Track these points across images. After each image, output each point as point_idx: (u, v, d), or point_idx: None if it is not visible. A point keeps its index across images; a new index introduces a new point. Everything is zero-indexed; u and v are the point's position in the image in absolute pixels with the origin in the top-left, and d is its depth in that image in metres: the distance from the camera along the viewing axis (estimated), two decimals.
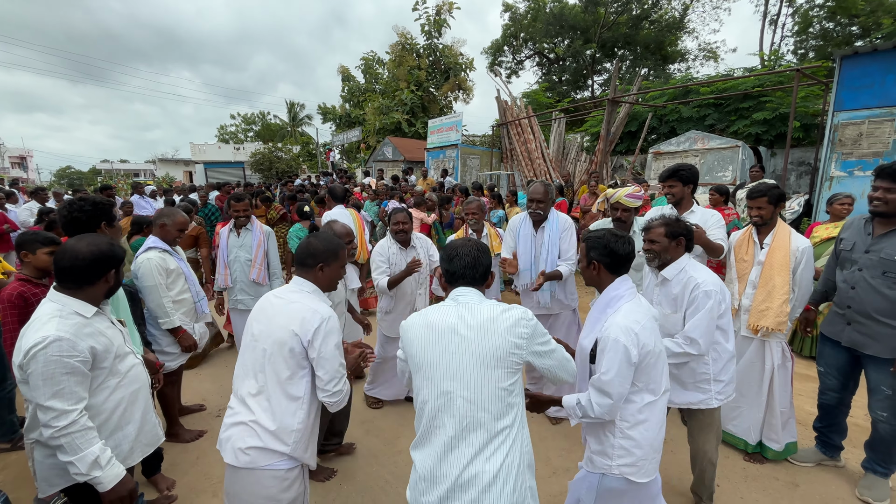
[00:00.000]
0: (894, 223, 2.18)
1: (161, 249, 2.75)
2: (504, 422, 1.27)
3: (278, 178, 20.10)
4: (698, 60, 25.16)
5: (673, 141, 8.92)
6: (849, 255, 2.35)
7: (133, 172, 41.06)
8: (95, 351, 1.56)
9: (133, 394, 1.75)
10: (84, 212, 2.16)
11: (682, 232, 1.97)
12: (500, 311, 1.34)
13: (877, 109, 6.03)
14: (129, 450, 1.74)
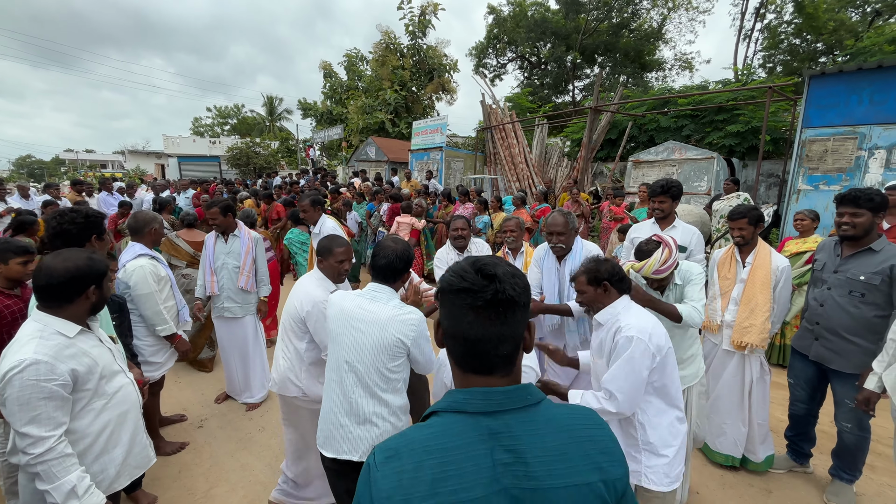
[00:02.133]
0: (861, 245, 2.32)
1: (151, 256, 2.69)
2: (386, 387, 1.74)
3: (256, 174, 19.65)
4: (675, 70, 26.00)
5: (652, 150, 9.18)
6: (819, 274, 2.51)
7: (100, 163, 39.28)
8: (77, 373, 1.50)
9: (121, 415, 1.69)
10: (75, 224, 2.05)
11: (605, 276, 1.77)
12: (397, 312, 1.71)
13: (841, 127, 6.37)
14: (115, 474, 1.68)
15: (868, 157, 6.17)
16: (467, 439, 0.69)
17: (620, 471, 0.74)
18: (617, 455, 0.75)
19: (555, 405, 0.78)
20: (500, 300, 0.73)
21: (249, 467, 2.78)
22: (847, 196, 2.29)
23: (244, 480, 2.67)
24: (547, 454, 0.69)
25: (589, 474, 0.70)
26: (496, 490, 0.66)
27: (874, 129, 6.08)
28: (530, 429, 0.71)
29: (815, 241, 3.82)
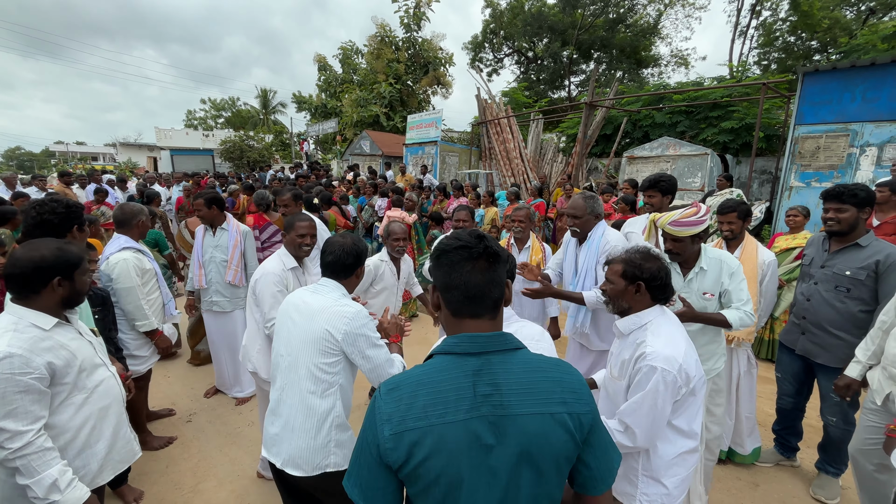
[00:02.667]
0: (848, 241, 2.33)
1: (136, 249, 2.64)
2: (314, 389, 1.57)
3: (250, 168, 19.46)
4: (670, 66, 26.02)
5: (647, 146, 9.19)
6: (807, 269, 2.53)
7: (91, 156, 38.76)
8: (54, 367, 1.47)
9: (103, 409, 1.67)
10: (56, 214, 2.01)
11: (644, 275, 1.50)
12: (332, 303, 1.59)
13: (833, 125, 6.41)
14: (98, 469, 1.66)
15: (860, 155, 6.21)
16: (455, 374, 0.85)
17: (586, 408, 0.88)
18: (583, 395, 0.89)
19: (532, 353, 0.93)
20: (489, 253, 0.92)
21: (238, 462, 2.77)
22: (831, 192, 2.32)
23: (232, 475, 2.65)
24: (520, 388, 0.85)
25: (555, 406, 0.85)
26: (476, 416, 0.82)
27: (866, 127, 6.11)
28: (507, 368, 0.87)
29: (805, 237, 3.84)
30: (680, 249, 2.05)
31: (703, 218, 1.99)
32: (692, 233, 1.98)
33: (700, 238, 2.04)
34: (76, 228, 2.10)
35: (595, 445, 0.91)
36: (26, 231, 2.01)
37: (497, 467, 0.82)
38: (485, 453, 0.82)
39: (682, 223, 1.98)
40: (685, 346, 1.47)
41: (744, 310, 1.99)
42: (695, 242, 2.03)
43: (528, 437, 0.83)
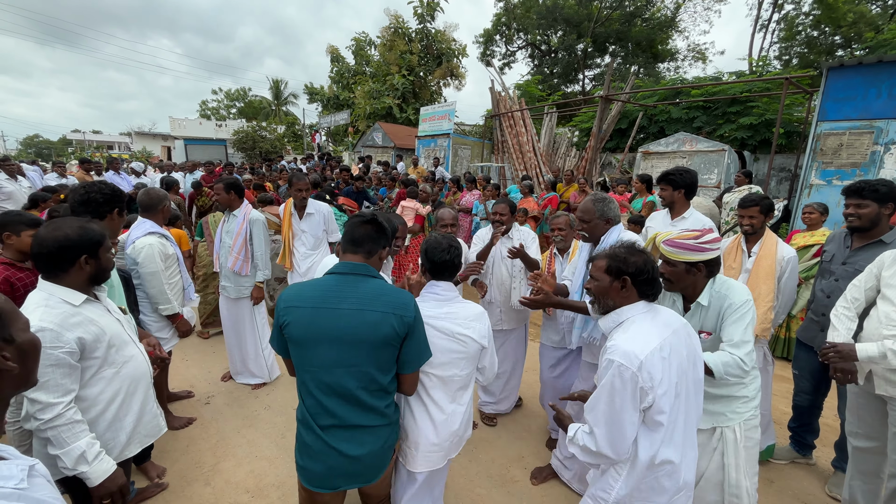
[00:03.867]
0: (870, 237, 2.30)
1: (160, 234, 2.69)
2: None
3: (262, 158, 19.61)
4: (687, 61, 25.52)
5: (662, 141, 9.06)
6: (828, 265, 2.49)
7: (107, 145, 39.37)
8: (84, 341, 1.52)
9: (132, 384, 1.72)
10: (103, 194, 2.12)
11: (630, 269, 1.43)
12: None
13: (857, 121, 6.25)
14: (126, 441, 1.72)
15: (884, 153, 6.06)
16: (328, 281, 1.47)
17: (408, 313, 1.44)
18: (409, 307, 1.45)
19: (384, 283, 1.49)
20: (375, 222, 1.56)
21: (256, 443, 2.83)
22: (852, 187, 2.29)
23: (250, 456, 2.72)
24: (365, 295, 1.43)
25: (388, 308, 1.42)
26: (331, 306, 1.41)
27: (891, 124, 5.96)
28: (360, 283, 1.45)
29: (824, 234, 3.78)
30: (671, 275, 1.77)
31: (703, 245, 1.68)
32: (686, 258, 1.70)
33: (699, 270, 1.73)
34: (116, 212, 2.19)
35: (410, 341, 1.46)
36: (71, 209, 2.10)
37: (346, 336, 1.39)
38: (335, 329, 1.38)
39: (675, 244, 1.72)
40: (657, 345, 1.32)
41: (732, 353, 1.65)
42: (690, 273, 1.74)
43: (373, 323, 1.39)
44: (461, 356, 1.70)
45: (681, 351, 1.41)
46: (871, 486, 2.17)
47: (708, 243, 1.71)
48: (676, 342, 1.41)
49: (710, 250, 1.71)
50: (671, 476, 1.40)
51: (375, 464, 1.52)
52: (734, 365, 1.66)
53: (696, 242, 1.71)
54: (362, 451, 1.46)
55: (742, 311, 1.71)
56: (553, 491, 2.51)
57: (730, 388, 1.79)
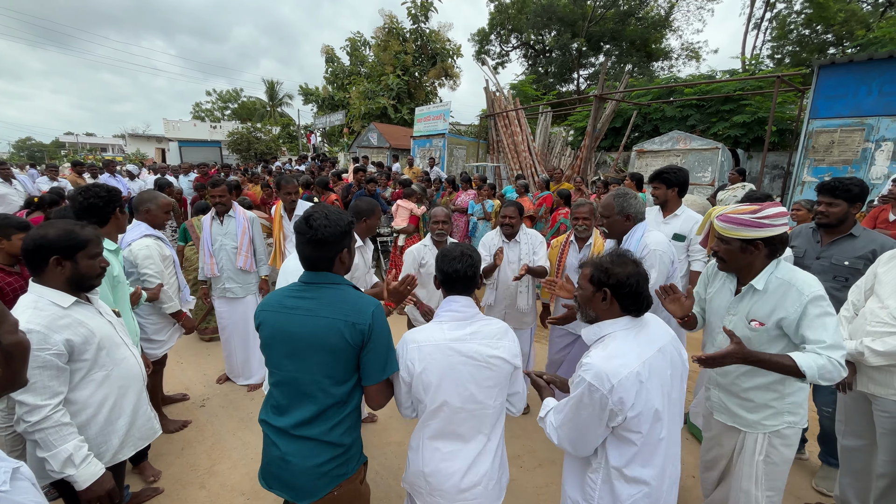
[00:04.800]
0: (839, 232, 2.37)
1: (155, 236, 2.70)
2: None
3: (257, 160, 19.55)
4: (681, 60, 25.66)
5: (656, 140, 9.11)
6: (801, 261, 2.53)
7: (100, 147, 39.08)
8: (72, 343, 1.51)
9: (123, 387, 1.71)
10: (101, 198, 2.14)
11: (611, 281, 1.36)
12: None
13: (849, 119, 6.31)
14: (119, 444, 1.71)
15: (875, 149, 6.12)
16: (291, 290, 1.47)
17: (362, 320, 1.37)
18: (364, 313, 1.38)
19: (349, 290, 1.45)
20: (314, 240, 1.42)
21: (251, 446, 2.82)
22: (826, 185, 2.35)
23: (246, 458, 2.71)
24: (321, 301, 1.40)
25: (339, 315, 1.37)
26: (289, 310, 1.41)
27: (882, 121, 6.02)
28: (320, 290, 1.43)
29: None
30: (725, 254, 1.67)
31: (761, 220, 1.55)
32: (741, 234, 1.59)
33: (756, 248, 1.60)
34: (118, 210, 2.22)
35: (369, 351, 1.40)
36: (76, 215, 2.12)
37: (300, 338, 1.37)
38: (287, 336, 1.39)
39: (729, 218, 1.60)
40: (634, 370, 1.26)
41: (830, 356, 1.46)
42: (746, 251, 1.62)
43: (322, 330, 1.36)
44: (492, 384, 1.46)
45: (664, 371, 1.33)
46: (862, 483, 2.18)
47: (769, 217, 1.55)
48: (660, 362, 1.33)
49: (770, 226, 1.55)
50: (648, 498, 1.33)
51: (308, 484, 1.38)
52: (832, 369, 1.46)
53: (754, 217, 1.56)
54: (296, 461, 1.37)
55: (824, 307, 1.51)
56: (549, 490, 2.52)
57: (759, 395, 1.68)
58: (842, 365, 1.46)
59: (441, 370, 1.42)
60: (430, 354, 1.42)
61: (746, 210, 1.58)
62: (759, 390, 1.68)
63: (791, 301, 1.55)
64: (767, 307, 1.62)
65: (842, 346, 1.48)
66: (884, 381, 1.90)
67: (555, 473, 2.65)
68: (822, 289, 1.55)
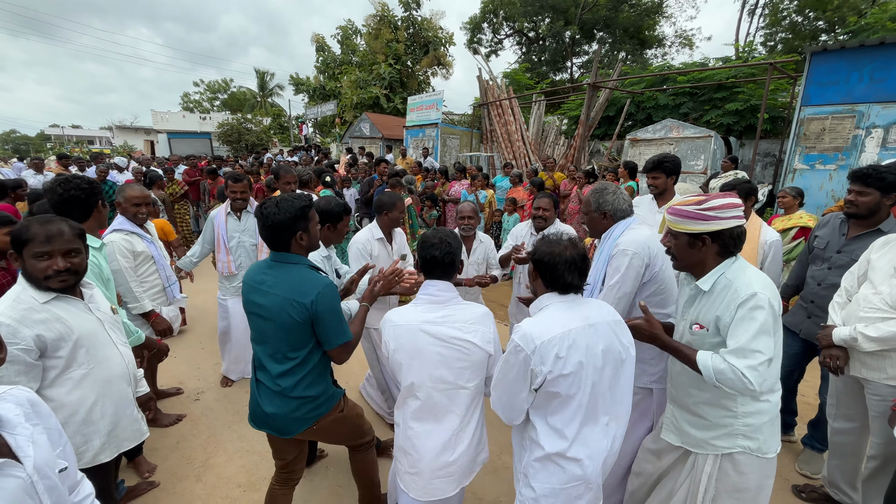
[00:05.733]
0: (868, 225, 2.22)
1: (127, 231, 2.61)
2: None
3: (248, 151, 19.30)
4: (674, 47, 25.54)
5: (649, 128, 9.10)
6: (821, 252, 2.42)
7: (87, 139, 38.34)
8: (44, 339, 1.45)
9: (104, 386, 1.64)
10: (82, 190, 2.01)
11: (538, 266, 1.46)
12: None
13: (840, 106, 6.33)
14: (100, 446, 1.65)
15: (865, 136, 6.16)
16: (260, 265, 1.70)
17: (306, 299, 1.55)
18: (307, 293, 1.56)
19: (304, 269, 1.64)
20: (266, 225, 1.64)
21: (247, 438, 2.82)
22: (858, 172, 2.18)
23: (242, 451, 2.71)
24: (277, 280, 1.61)
25: (288, 294, 1.57)
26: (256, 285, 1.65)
27: (873, 108, 6.05)
28: (278, 269, 1.64)
29: (800, 217, 3.84)
30: (674, 249, 1.56)
31: (704, 212, 1.43)
32: (687, 228, 1.47)
33: (703, 243, 1.48)
34: (100, 203, 2.12)
35: (319, 325, 1.59)
36: (54, 210, 1.99)
37: (266, 310, 1.60)
38: (256, 306, 1.63)
39: (676, 211, 1.51)
40: (557, 334, 1.33)
41: (730, 363, 1.37)
42: (694, 247, 1.49)
43: (276, 306, 1.57)
44: (463, 366, 1.54)
45: (594, 346, 1.38)
46: (850, 465, 2.22)
47: (713, 209, 1.43)
48: (590, 336, 1.37)
49: (715, 219, 1.43)
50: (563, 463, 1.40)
51: (285, 425, 1.68)
52: (732, 377, 1.37)
53: (699, 209, 1.45)
54: (272, 410, 1.66)
55: (749, 307, 1.37)
56: None
57: (709, 411, 1.53)
58: (745, 376, 1.34)
59: (411, 350, 1.52)
60: (402, 335, 1.54)
61: (692, 201, 1.48)
62: (708, 406, 1.54)
63: (727, 302, 1.44)
64: (713, 310, 1.48)
65: (752, 355, 1.35)
66: (876, 365, 1.92)
67: None
68: (764, 290, 1.38)
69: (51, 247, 1.48)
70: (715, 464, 1.54)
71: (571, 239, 1.46)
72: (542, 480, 1.43)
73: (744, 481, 1.51)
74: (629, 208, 1.95)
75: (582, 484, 1.42)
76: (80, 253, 1.56)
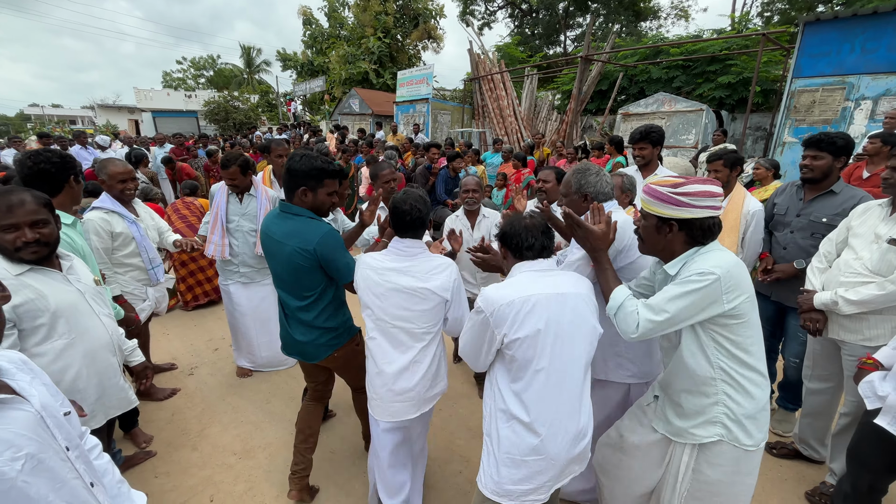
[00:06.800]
0: (822, 188, 2.37)
1: (107, 210, 2.53)
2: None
3: (236, 130, 18.93)
4: (670, 19, 25.03)
5: (641, 102, 9.03)
6: (782, 218, 2.55)
7: (69, 119, 37.20)
8: (17, 310, 1.46)
9: (88, 355, 1.65)
10: (52, 164, 1.93)
11: (504, 239, 1.54)
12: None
13: (830, 77, 6.31)
14: (89, 413, 1.68)
15: (854, 108, 6.17)
16: (273, 215, 1.91)
17: (309, 245, 1.76)
18: (310, 240, 1.76)
19: (308, 221, 1.82)
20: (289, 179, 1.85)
21: (241, 409, 2.89)
22: (812, 139, 2.34)
23: (236, 421, 2.78)
24: (285, 231, 1.81)
25: (293, 243, 1.77)
26: (270, 234, 1.86)
27: (863, 79, 6.04)
28: (285, 220, 1.83)
29: (775, 188, 3.89)
30: (642, 231, 1.48)
31: (677, 196, 1.33)
32: (657, 211, 1.38)
33: (669, 228, 1.38)
34: (73, 179, 2.04)
35: (327, 265, 1.81)
36: (23, 182, 1.92)
37: (278, 258, 1.84)
38: (272, 251, 1.86)
39: (650, 190, 1.40)
40: (518, 298, 1.37)
41: (639, 310, 1.40)
42: (661, 232, 1.40)
43: (284, 255, 1.80)
44: (423, 308, 1.70)
45: (559, 315, 1.39)
46: (821, 423, 2.35)
47: (688, 195, 1.32)
48: (554, 305, 1.38)
49: (688, 205, 1.33)
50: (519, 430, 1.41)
51: (312, 351, 1.95)
52: (627, 318, 1.41)
53: (672, 191, 1.34)
54: (301, 338, 1.92)
55: (688, 279, 1.33)
56: None
57: (688, 399, 1.47)
58: (639, 322, 1.38)
59: (375, 290, 1.70)
60: (369, 276, 1.71)
61: (668, 182, 1.37)
62: (687, 394, 1.47)
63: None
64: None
65: (658, 312, 1.35)
66: (853, 327, 2.00)
67: None
68: (715, 268, 1.30)
69: (14, 218, 1.46)
70: (693, 453, 1.48)
71: (532, 213, 1.53)
72: (504, 449, 1.43)
73: (714, 474, 1.44)
74: (611, 191, 1.89)
75: (543, 459, 1.41)
76: (49, 223, 1.54)
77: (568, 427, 1.43)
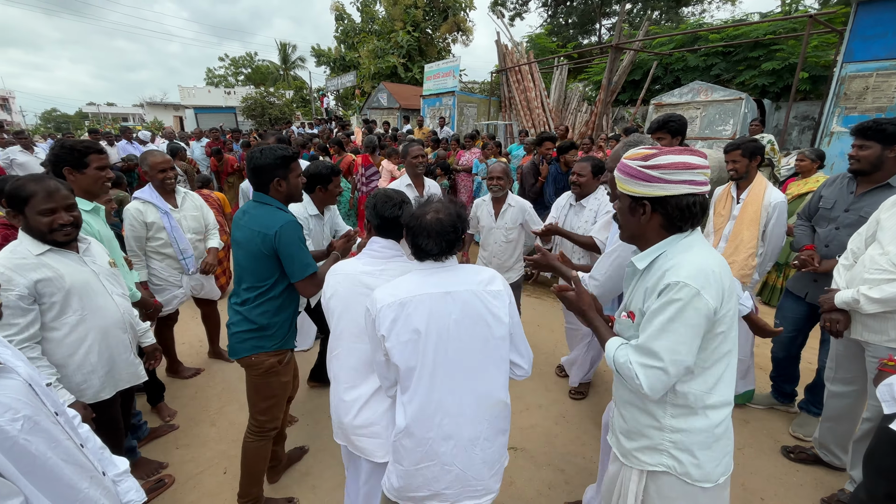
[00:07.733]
0: (875, 181, 2.15)
1: (143, 200, 2.71)
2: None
3: (271, 125, 19.55)
4: (714, 3, 23.66)
5: (675, 92, 8.64)
6: (827, 213, 2.33)
7: (121, 116, 39.65)
8: (36, 287, 1.59)
9: (100, 332, 1.77)
10: (48, 159, 2.15)
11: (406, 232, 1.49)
12: None
13: (886, 61, 5.82)
14: (100, 385, 1.80)
15: None
16: (244, 206, 1.92)
17: (270, 231, 1.74)
18: (269, 227, 1.75)
19: (276, 210, 1.83)
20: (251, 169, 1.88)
21: None
22: (858, 127, 2.13)
23: None
24: (251, 217, 1.82)
25: (256, 227, 1.77)
26: (238, 222, 1.86)
27: None
28: (255, 207, 1.85)
29: (817, 181, 3.65)
30: (618, 213, 1.29)
31: (647, 170, 1.12)
32: (628, 189, 1.18)
33: (642, 209, 1.17)
34: (67, 171, 2.12)
35: (283, 258, 1.78)
36: (52, 169, 2.12)
37: (241, 242, 1.82)
38: (237, 238, 1.85)
39: (622, 166, 1.19)
40: (398, 300, 1.28)
41: (629, 356, 1.16)
42: (635, 214, 1.20)
43: (247, 237, 1.79)
44: None
45: (443, 315, 1.28)
46: (843, 428, 2.22)
47: (659, 168, 1.10)
48: (440, 305, 1.29)
49: (659, 181, 1.11)
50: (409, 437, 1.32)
51: (233, 345, 1.88)
52: (628, 373, 1.16)
53: (641, 165, 1.13)
54: (231, 328, 1.88)
55: (666, 298, 1.09)
56: (534, 430, 2.64)
57: (633, 414, 1.29)
58: (637, 376, 1.13)
59: (345, 299, 1.54)
60: (339, 282, 1.56)
61: (639, 155, 1.15)
62: (632, 407, 1.28)
63: (653, 286, 1.15)
64: (641, 295, 1.21)
65: (647, 356, 1.12)
66: (878, 327, 1.88)
67: (540, 416, 2.78)
68: (693, 279, 1.07)
69: (54, 203, 1.62)
70: (640, 481, 1.28)
71: (442, 201, 1.36)
72: (396, 463, 1.36)
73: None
74: None
75: (436, 465, 1.32)
76: (76, 208, 1.71)
77: (461, 432, 1.32)
